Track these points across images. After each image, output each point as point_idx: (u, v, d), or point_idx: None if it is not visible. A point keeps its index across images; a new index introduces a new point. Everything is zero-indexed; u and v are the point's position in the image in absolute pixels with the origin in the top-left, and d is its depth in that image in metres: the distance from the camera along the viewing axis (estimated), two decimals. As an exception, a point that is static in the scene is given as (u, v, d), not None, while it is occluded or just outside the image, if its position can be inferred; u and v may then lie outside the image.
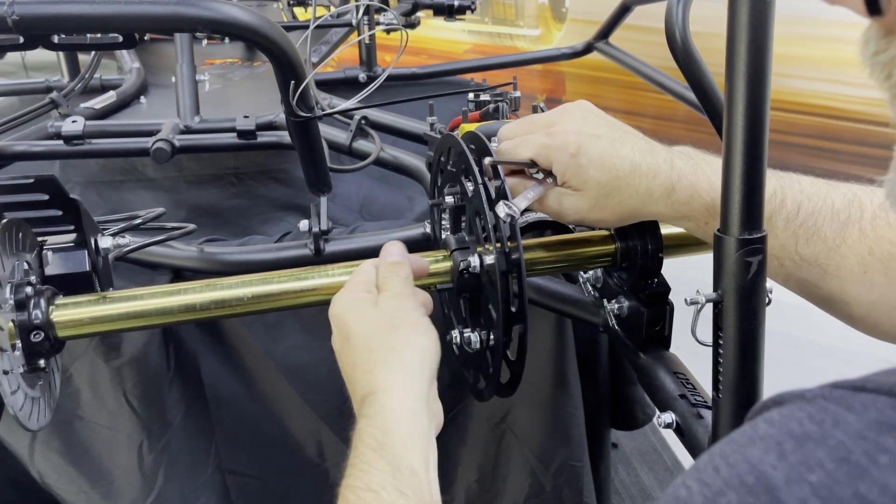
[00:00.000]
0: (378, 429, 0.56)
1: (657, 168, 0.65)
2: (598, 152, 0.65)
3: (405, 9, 1.56)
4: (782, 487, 0.28)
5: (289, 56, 0.77)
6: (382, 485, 0.52)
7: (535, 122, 0.71)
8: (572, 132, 0.66)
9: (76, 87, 1.37)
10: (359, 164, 1.16)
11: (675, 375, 0.74)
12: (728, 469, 0.30)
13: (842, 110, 2.29)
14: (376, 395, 0.58)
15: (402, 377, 0.59)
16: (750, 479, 0.29)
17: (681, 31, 0.93)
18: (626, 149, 0.66)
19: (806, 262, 0.64)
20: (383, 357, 0.60)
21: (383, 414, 0.56)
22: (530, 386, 1.13)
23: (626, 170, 0.65)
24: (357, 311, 0.63)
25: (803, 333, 1.84)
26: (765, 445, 0.30)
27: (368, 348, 0.61)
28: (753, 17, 0.50)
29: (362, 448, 0.55)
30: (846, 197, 0.64)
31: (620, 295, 0.82)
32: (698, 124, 1.08)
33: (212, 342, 1.10)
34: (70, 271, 0.76)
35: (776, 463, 0.29)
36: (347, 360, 0.63)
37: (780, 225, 0.63)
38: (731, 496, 0.29)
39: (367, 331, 0.61)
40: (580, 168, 0.65)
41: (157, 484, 1.08)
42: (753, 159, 0.53)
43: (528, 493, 1.20)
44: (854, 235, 0.62)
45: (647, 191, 0.65)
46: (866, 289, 0.61)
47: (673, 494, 0.32)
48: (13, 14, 0.63)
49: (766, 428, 0.31)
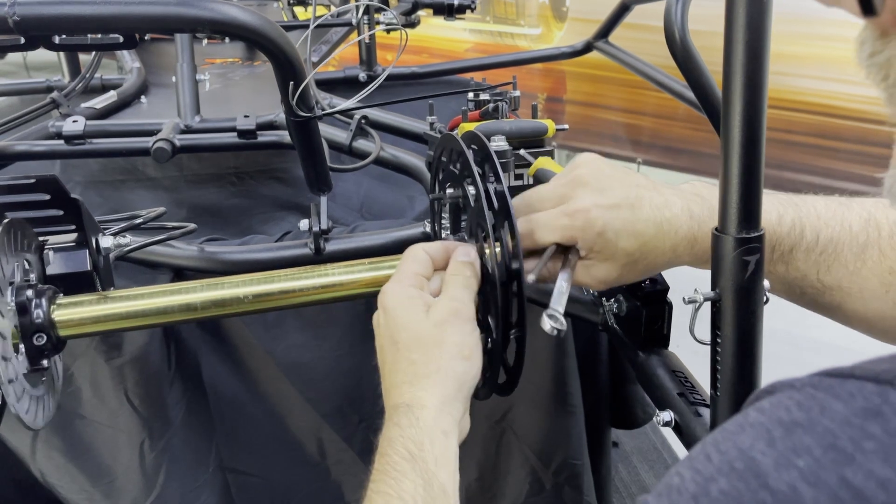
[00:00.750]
0: (412, 441, 0.56)
1: (678, 223, 0.64)
2: (621, 223, 0.64)
3: (405, 8, 1.56)
4: (771, 472, 0.29)
5: (289, 56, 0.77)
6: (413, 496, 0.52)
7: (544, 199, 0.68)
8: (593, 208, 0.64)
9: (77, 86, 1.37)
10: (359, 164, 1.16)
11: (674, 374, 0.75)
12: (719, 456, 0.31)
13: (842, 108, 2.29)
14: (412, 408, 0.58)
15: (440, 398, 0.59)
16: (739, 465, 0.30)
17: (680, 30, 0.93)
18: (645, 211, 0.64)
19: (828, 289, 0.64)
20: (424, 373, 0.59)
21: (418, 429, 0.56)
22: (530, 385, 1.13)
23: (651, 234, 0.64)
24: (408, 313, 0.62)
25: (802, 331, 1.84)
26: (755, 433, 0.31)
27: (411, 359, 0.60)
28: (751, 16, 0.51)
29: (395, 457, 0.55)
30: (861, 217, 0.64)
31: (619, 294, 0.82)
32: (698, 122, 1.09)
33: (212, 341, 1.10)
34: (71, 271, 0.76)
35: (765, 449, 0.30)
36: (389, 358, 0.62)
37: (801, 257, 0.64)
38: (721, 482, 0.30)
39: (413, 339, 0.61)
40: (608, 243, 0.64)
41: (159, 482, 1.08)
42: (751, 158, 0.53)
43: (529, 492, 1.20)
44: (874, 257, 0.62)
45: (672, 248, 0.64)
46: (889, 307, 0.62)
47: (666, 483, 0.33)
48: (14, 15, 0.63)
49: (756, 416, 0.32)
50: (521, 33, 3.26)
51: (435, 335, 0.60)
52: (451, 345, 0.60)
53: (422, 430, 0.56)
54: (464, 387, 0.60)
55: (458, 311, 0.62)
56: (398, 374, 0.61)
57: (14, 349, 0.68)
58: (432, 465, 0.55)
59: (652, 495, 0.33)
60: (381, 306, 0.65)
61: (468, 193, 0.67)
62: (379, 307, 0.65)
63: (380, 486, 0.53)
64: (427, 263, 0.66)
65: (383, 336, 0.64)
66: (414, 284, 0.64)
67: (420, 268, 0.66)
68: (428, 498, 0.53)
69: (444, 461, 0.56)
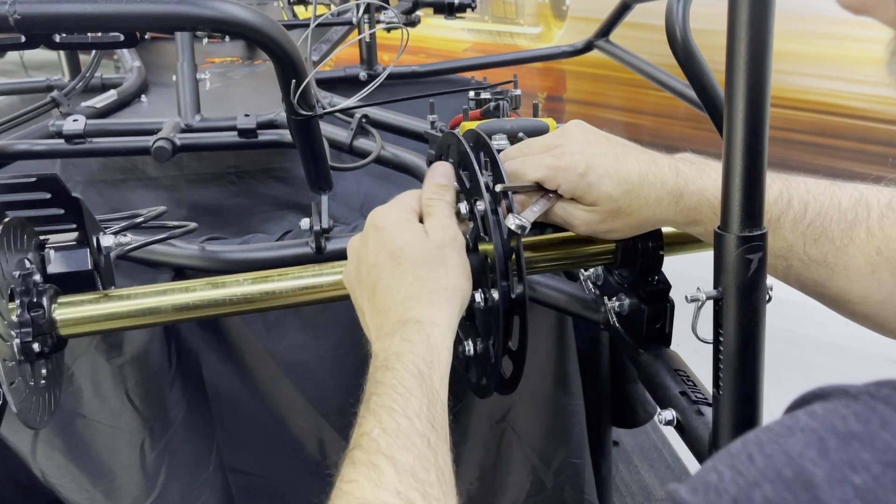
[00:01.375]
0: (422, 359, 0.56)
1: (664, 176, 0.66)
2: (605, 168, 0.66)
3: (405, 7, 1.56)
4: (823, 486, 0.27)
5: (290, 54, 0.77)
6: (418, 414, 0.53)
7: (534, 146, 0.71)
8: (578, 152, 0.67)
9: (77, 85, 1.37)
10: (360, 163, 1.16)
11: (676, 372, 0.75)
12: (764, 459, 0.29)
13: (843, 107, 2.28)
14: (422, 324, 0.59)
15: (447, 316, 0.60)
16: (788, 473, 0.28)
17: (681, 29, 0.93)
18: (631, 162, 0.66)
19: (814, 262, 0.64)
20: (432, 289, 0.61)
21: (429, 346, 0.58)
22: (531, 384, 1.13)
23: (636, 182, 0.65)
24: (408, 234, 0.63)
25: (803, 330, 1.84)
26: (805, 439, 0.29)
27: (416, 274, 0.61)
28: (754, 14, 0.50)
29: (403, 372, 0.55)
30: (852, 197, 0.64)
31: (621, 292, 0.82)
32: (699, 122, 1.09)
33: (213, 341, 1.10)
34: (72, 270, 0.76)
35: (817, 459, 0.28)
36: (389, 273, 0.62)
37: (788, 226, 0.64)
38: (766, 489, 0.28)
39: (419, 256, 0.62)
40: (590, 186, 0.66)
41: (159, 482, 1.08)
42: (754, 156, 0.53)
43: (530, 491, 1.20)
44: (862, 235, 0.62)
45: (657, 200, 0.66)
46: (874, 288, 0.61)
47: (702, 478, 0.30)
48: (15, 13, 0.63)
49: (807, 420, 0.30)
50: (520, 32, 3.25)
51: (439, 255, 0.62)
52: (455, 265, 0.62)
53: (432, 347, 0.58)
54: (463, 306, 0.63)
55: (454, 237, 0.64)
56: (402, 289, 0.61)
57: (15, 348, 0.68)
58: (437, 384, 0.56)
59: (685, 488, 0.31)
60: (372, 225, 0.65)
61: (475, 210, 0.67)
62: (368, 227, 0.66)
63: (385, 401, 0.54)
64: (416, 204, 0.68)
65: (377, 253, 0.64)
66: (408, 212, 0.66)
67: (411, 202, 0.68)
68: (430, 416, 0.54)
69: (445, 380, 0.58)
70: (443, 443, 0.53)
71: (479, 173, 0.65)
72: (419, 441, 0.51)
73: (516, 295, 0.63)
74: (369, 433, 0.51)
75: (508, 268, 0.63)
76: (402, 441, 0.51)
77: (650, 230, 0.73)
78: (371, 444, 0.50)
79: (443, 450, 0.53)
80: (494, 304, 0.63)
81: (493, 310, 0.64)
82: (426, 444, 0.51)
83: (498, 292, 0.63)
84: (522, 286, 0.63)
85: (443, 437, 0.54)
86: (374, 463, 0.49)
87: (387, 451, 0.50)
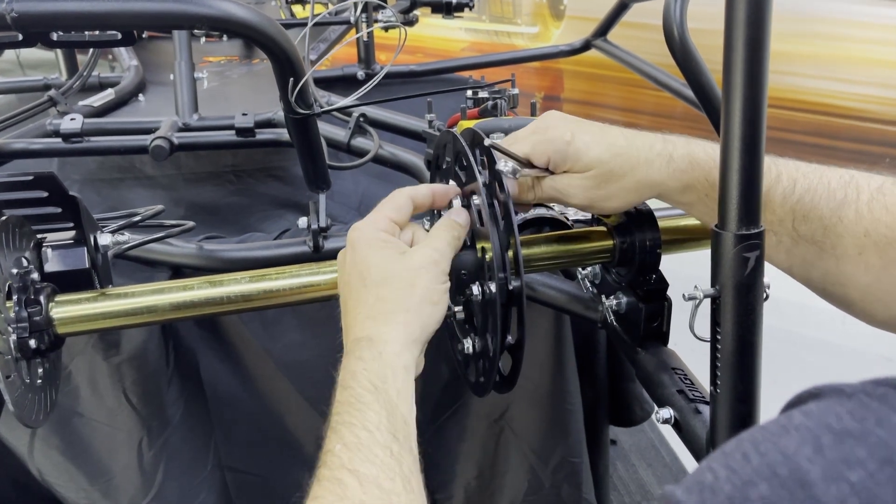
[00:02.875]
0: (375, 375, 0.57)
1: (651, 141, 0.68)
2: (591, 135, 0.68)
3: (403, 6, 1.55)
4: (819, 484, 0.27)
5: (288, 53, 0.77)
6: (377, 426, 0.53)
7: (519, 133, 0.73)
8: (561, 125, 0.69)
9: (74, 84, 1.37)
10: (357, 162, 1.16)
11: (674, 371, 0.75)
12: (759, 457, 0.29)
13: (840, 107, 2.29)
14: (374, 343, 0.59)
15: (404, 336, 0.60)
16: (783, 471, 0.28)
17: (679, 28, 0.93)
18: (615, 130, 0.69)
19: (803, 240, 0.64)
20: (392, 309, 0.61)
21: (381, 362, 0.58)
22: (529, 383, 1.13)
23: (623, 145, 0.67)
24: (379, 252, 0.64)
25: (800, 329, 1.85)
26: (800, 437, 0.29)
27: (379, 295, 0.62)
28: (751, 14, 0.51)
29: (359, 389, 0.56)
30: (842, 178, 0.64)
31: (619, 291, 0.82)
32: (696, 121, 1.09)
33: (211, 340, 1.10)
34: (69, 268, 0.76)
35: (813, 457, 0.28)
36: (354, 294, 0.64)
37: (778, 200, 0.64)
38: (762, 487, 0.28)
39: (383, 277, 0.62)
40: (579, 152, 0.67)
41: (157, 481, 1.08)
42: (751, 155, 0.53)
43: (527, 490, 1.20)
44: (850, 216, 0.62)
45: (647, 161, 0.67)
46: (861, 270, 0.62)
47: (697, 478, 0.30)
48: (12, 11, 0.63)
49: (802, 419, 0.30)
50: (517, 32, 3.26)
51: (407, 277, 0.62)
52: (423, 289, 0.62)
53: (384, 363, 0.58)
54: (426, 329, 0.62)
55: (437, 262, 0.64)
56: (363, 308, 0.62)
57: (12, 347, 0.67)
58: (394, 397, 0.56)
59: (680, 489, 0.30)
60: (350, 244, 0.66)
61: (472, 203, 0.67)
62: (348, 244, 0.67)
63: (344, 418, 0.54)
64: (404, 211, 0.68)
65: (350, 273, 0.65)
66: (384, 229, 0.66)
67: (395, 214, 0.67)
68: (391, 427, 0.54)
69: (405, 394, 0.58)
70: (407, 453, 0.53)
71: (476, 167, 0.66)
72: (381, 452, 0.52)
73: (514, 287, 0.63)
74: (332, 450, 0.52)
75: (506, 259, 0.63)
76: (363, 454, 0.51)
77: (647, 197, 0.72)
78: (334, 460, 0.51)
79: (407, 460, 0.53)
80: (492, 297, 0.63)
81: (491, 302, 0.64)
82: (388, 454, 0.52)
83: (495, 284, 0.63)
84: (520, 281, 0.63)
85: (406, 448, 0.54)
86: (338, 478, 0.49)
87: (349, 464, 0.50)
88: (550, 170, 0.70)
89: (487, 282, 0.65)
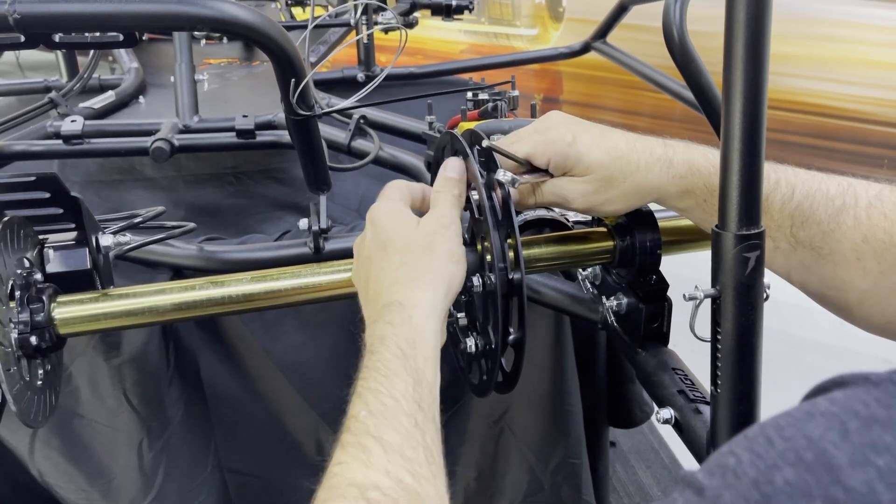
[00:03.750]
0: (405, 339, 0.57)
1: (651, 145, 0.68)
2: (592, 139, 0.68)
3: (403, 8, 1.56)
4: (846, 468, 0.27)
5: (289, 55, 0.77)
6: (404, 394, 0.53)
7: (521, 132, 0.73)
8: (563, 127, 0.69)
9: (75, 86, 1.37)
10: (358, 163, 1.16)
11: (674, 371, 0.75)
12: (783, 442, 0.29)
13: (839, 109, 2.29)
14: (404, 307, 0.60)
15: (432, 297, 0.61)
16: (809, 456, 0.28)
17: (678, 30, 0.94)
18: (616, 134, 0.69)
19: (801, 245, 0.64)
20: (417, 273, 0.62)
21: (411, 327, 0.58)
22: (528, 384, 1.14)
23: (623, 149, 0.67)
24: (398, 223, 0.65)
25: (800, 331, 1.85)
26: (826, 422, 0.29)
27: (403, 261, 0.63)
28: (751, 16, 0.51)
29: (387, 354, 0.56)
30: (840, 185, 0.65)
31: (619, 292, 0.82)
32: (696, 123, 1.09)
33: (211, 341, 1.10)
34: (71, 269, 0.76)
35: (839, 442, 0.28)
36: (376, 264, 0.65)
37: (776, 206, 0.64)
38: (787, 472, 0.28)
39: (405, 244, 0.63)
40: (580, 154, 0.67)
41: (157, 482, 1.08)
42: (751, 156, 0.53)
43: (527, 491, 1.20)
44: (848, 222, 0.63)
45: (647, 165, 0.67)
46: (859, 276, 0.62)
47: (719, 462, 0.30)
48: (14, 13, 0.63)
49: (827, 405, 0.30)
50: (516, 34, 3.26)
51: (425, 242, 0.63)
52: (442, 251, 0.63)
53: (414, 328, 0.58)
54: (451, 290, 0.63)
55: (448, 225, 0.65)
56: (388, 275, 0.63)
57: (14, 347, 0.68)
58: (421, 364, 0.57)
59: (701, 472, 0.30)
60: (369, 221, 0.68)
61: (471, 199, 0.67)
62: (367, 224, 0.68)
63: (370, 384, 0.54)
64: (405, 192, 0.70)
65: (370, 247, 0.66)
66: (401, 201, 0.68)
67: (399, 194, 0.69)
68: (416, 396, 0.54)
69: (431, 361, 0.58)
70: (430, 423, 0.54)
71: (476, 165, 0.66)
72: (406, 421, 0.52)
73: (514, 278, 0.64)
74: (356, 416, 0.52)
75: (505, 250, 0.64)
76: (388, 421, 0.51)
77: (646, 201, 0.73)
78: (358, 426, 0.51)
79: (430, 430, 0.53)
80: (492, 287, 0.64)
81: (492, 294, 0.64)
82: (413, 423, 0.52)
83: (496, 275, 0.63)
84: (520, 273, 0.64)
85: (430, 417, 0.54)
86: (363, 444, 0.50)
87: (374, 431, 0.50)
88: (550, 171, 0.70)
89: (488, 273, 0.65)
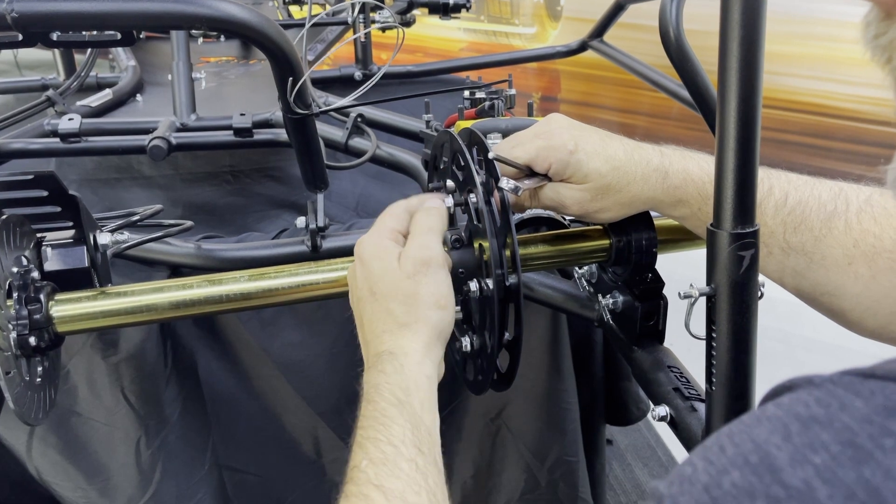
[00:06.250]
0: (398, 387, 0.58)
1: (649, 156, 0.69)
2: (593, 147, 0.68)
3: (401, 7, 1.56)
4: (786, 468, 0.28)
5: (286, 53, 0.77)
6: (403, 440, 0.54)
7: (522, 135, 0.73)
8: (566, 133, 0.69)
9: (72, 85, 1.37)
10: (355, 162, 1.16)
11: (669, 369, 0.75)
12: (733, 448, 0.30)
13: (835, 108, 2.30)
14: (395, 356, 0.60)
15: (422, 345, 0.61)
16: (754, 459, 0.29)
17: (675, 29, 0.94)
18: (615, 143, 0.69)
19: (793, 251, 0.65)
20: (405, 321, 0.62)
21: (403, 375, 0.59)
22: (525, 381, 1.14)
23: (622, 159, 0.68)
24: (384, 264, 0.64)
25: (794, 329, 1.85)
26: (771, 426, 0.30)
27: (389, 309, 0.63)
28: (746, 15, 0.51)
29: (382, 403, 0.57)
30: (832, 190, 0.66)
31: (615, 290, 0.83)
32: (692, 122, 1.09)
33: (209, 339, 1.10)
34: (69, 267, 0.76)
35: (781, 444, 0.29)
36: (367, 308, 0.65)
37: (770, 212, 0.65)
38: (734, 475, 0.29)
39: (390, 290, 0.63)
40: (580, 163, 0.68)
41: (155, 480, 1.08)
42: (746, 154, 0.54)
43: (524, 489, 1.20)
44: (840, 227, 0.63)
45: (644, 176, 0.68)
46: (850, 280, 0.63)
47: (679, 472, 0.32)
48: (13, 11, 0.63)
49: (773, 410, 0.31)
50: (515, 32, 3.26)
51: (410, 288, 0.63)
52: (427, 295, 0.63)
53: (406, 376, 0.59)
54: (441, 333, 0.63)
55: (428, 261, 0.64)
56: (378, 323, 0.63)
57: (12, 345, 0.68)
58: (418, 409, 0.57)
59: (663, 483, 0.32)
60: (357, 257, 0.67)
61: (469, 201, 0.68)
62: (356, 258, 0.68)
63: (369, 433, 0.55)
64: (404, 219, 0.69)
65: (361, 287, 0.66)
66: (389, 237, 0.67)
67: (396, 223, 0.68)
68: (416, 440, 0.55)
69: (428, 404, 0.59)
70: (432, 466, 0.54)
71: (473, 165, 0.66)
72: (407, 466, 0.52)
73: (511, 283, 0.64)
74: (358, 465, 0.53)
75: (503, 256, 0.64)
76: (388, 468, 0.52)
77: (640, 210, 0.74)
78: (360, 476, 0.52)
79: (433, 473, 0.54)
80: (489, 293, 0.64)
81: (489, 299, 0.64)
82: (414, 468, 0.52)
83: (493, 281, 0.63)
84: (517, 276, 0.64)
85: (431, 461, 0.55)
86: (365, 493, 0.50)
87: (375, 480, 0.51)
88: (549, 176, 0.70)
89: (485, 279, 0.65)
